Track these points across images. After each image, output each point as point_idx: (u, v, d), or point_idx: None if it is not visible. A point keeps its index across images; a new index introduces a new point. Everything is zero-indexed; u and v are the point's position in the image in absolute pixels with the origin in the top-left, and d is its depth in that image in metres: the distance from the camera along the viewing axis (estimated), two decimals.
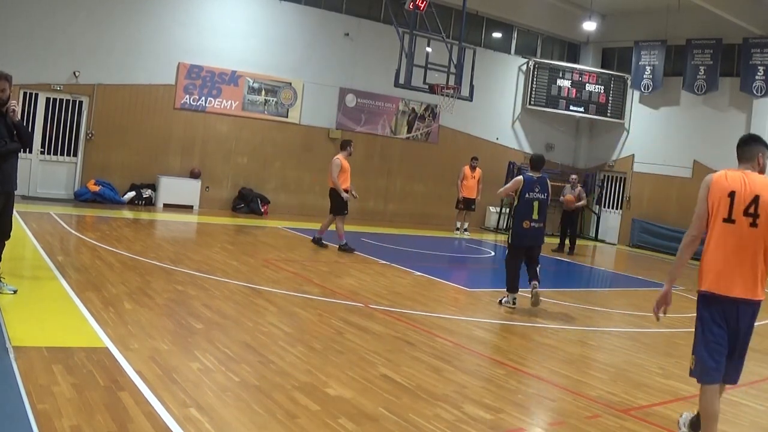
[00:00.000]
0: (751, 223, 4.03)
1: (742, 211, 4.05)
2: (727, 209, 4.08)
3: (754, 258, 4.05)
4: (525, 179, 8.62)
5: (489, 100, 19.85)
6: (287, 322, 6.62)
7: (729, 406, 5.55)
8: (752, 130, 17.46)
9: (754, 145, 4.29)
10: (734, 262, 4.06)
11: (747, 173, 4.17)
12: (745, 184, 4.08)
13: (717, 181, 4.16)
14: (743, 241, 4.05)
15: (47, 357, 4.70)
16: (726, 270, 4.08)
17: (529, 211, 8.48)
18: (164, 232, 12.50)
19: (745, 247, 4.05)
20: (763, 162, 4.25)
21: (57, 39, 14.31)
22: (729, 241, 4.08)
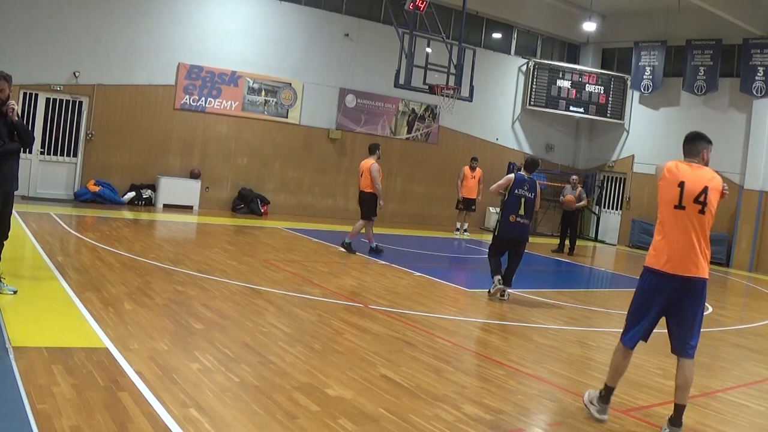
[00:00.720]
0: (700, 210, 4.55)
1: (693, 199, 4.55)
2: (677, 197, 4.58)
3: (700, 241, 4.57)
4: (516, 177, 9.20)
5: (489, 100, 19.87)
6: (287, 322, 6.62)
7: (729, 406, 5.56)
8: (752, 130, 17.49)
9: (700, 142, 4.82)
10: (685, 245, 4.55)
11: (694, 165, 4.73)
12: (694, 177, 4.62)
13: (669, 170, 4.70)
14: (692, 226, 4.55)
15: (47, 357, 4.70)
16: (677, 251, 4.56)
17: (516, 206, 9.02)
18: (164, 233, 12.50)
19: (693, 231, 4.55)
20: (707, 157, 4.80)
21: (57, 39, 14.32)
22: (680, 226, 4.57)
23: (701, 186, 4.59)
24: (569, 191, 16.23)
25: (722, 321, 9.76)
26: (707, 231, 4.60)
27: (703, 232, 4.60)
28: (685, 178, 4.63)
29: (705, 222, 4.59)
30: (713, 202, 4.59)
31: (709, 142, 4.84)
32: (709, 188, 4.59)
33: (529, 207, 9.08)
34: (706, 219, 4.59)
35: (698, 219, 4.57)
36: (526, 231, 9.25)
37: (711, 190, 4.59)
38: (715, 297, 12.37)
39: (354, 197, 18.15)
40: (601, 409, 4.83)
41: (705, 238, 4.61)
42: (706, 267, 4.61)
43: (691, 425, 4.96)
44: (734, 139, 18.02)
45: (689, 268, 4.55)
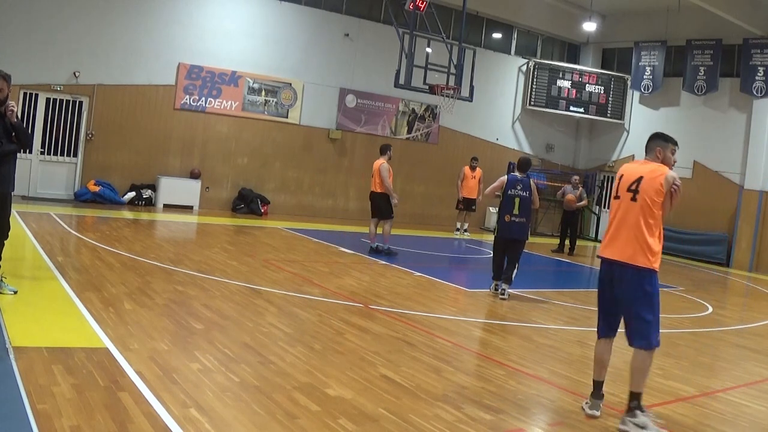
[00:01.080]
0: (632, 197, 4.74)
1: (626, 188, 4.79)
2: (615, 189, 4.89)
3: (633, 228, 4.70)
4: (509, 178, 9.52)
5: (489, 100, 19.87)
6: (287, 322, 6.62)
7: (729, 406, 5.56)
8: (752, 130, 17.50)
9: (653, 142, 4.96)
10: (617, 232, 4.79)
11: (644, 161, 4.93)
12: (635, 169, 4.86)
13: (620, 170, 4.98)
14: (624, 214, 4.76)
15: (47, 357, 4.70)
16: (611, 238, 4.83)
17: (510, 206, 9.34)
18: (164, 233, 12.50)
19: (625, 219, 4.75)
20: (662, 155, 4.89)
21: (57, 39, 14.32)
22: (616, 215, 4.83)
23: (637, 176, 4.78)
24: (570, 191, 16.23)
25: (722, 321, 9.76)
26: (643, 219, 4.68)
27: (636, 220, 4.70)
28: (625, 172, 4.90)
29: (638, 209, 4.70)
30: (648, 190, 4.68)
31: (666, 141, 4.94)
32: (644, 178, 4.73)
33: (524, 206, 9.32)
34: (638, 206, 4.70)
35: (630, 207, 4.73)
36: (524, 230, 9.44)
37: (646, 179, 4.71)
38: (716, 297, 12.37)
39: (354, 197, 18.29)
40: (592, 405, 4.91)
41: (639, 226, 4.68)
42: (640, 255, 4.66)
43: (691, 425, 4.96)
44: (734, 139, 18.03)
45: (620, 254, 4.74)
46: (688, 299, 11.33)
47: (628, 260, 4.69)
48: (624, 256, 4.71)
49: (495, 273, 9.55)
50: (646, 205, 4.68)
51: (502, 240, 9.49)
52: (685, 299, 11.33)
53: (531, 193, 9.35)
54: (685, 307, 10.58)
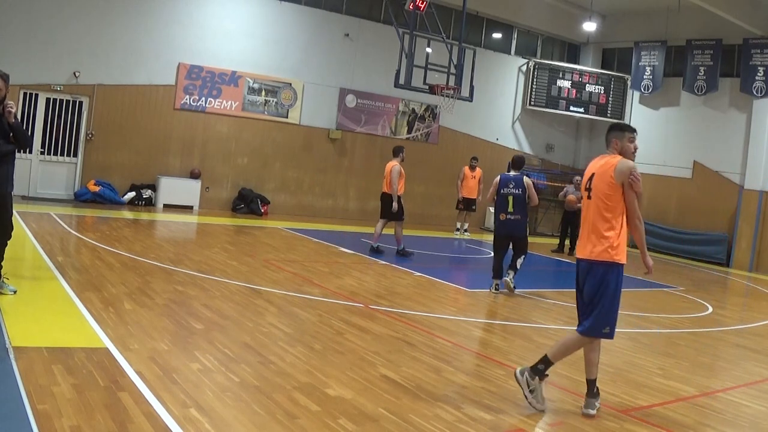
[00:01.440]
0: (587, 196, 4.89)
1: (584, 187, 4.95)
2: (584, 186, 4.98)
3: (591, 224, 4.83)
4: (501, 177, 9.74)
5: (489, 100, 19.87)
6: (287, 322, 6.62)
7: (729, 406, 5.56)
8: (752, 130, 17.49)
9: (610, 134, 5.07)
10: (586, 228, 4.89)
11: (602, 156, 5.01)
12: (590, 167, 4.97)
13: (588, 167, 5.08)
14: (586, 212, 4.91)
15: (47, 357, 4.70)
16: (581, 235, 4.95)
17: (504, 204, 9.56)
18: (164, 233, 12.50)
19: (587, 217, 4.89)
20: (620, 145, 4.97)
21: (57, 39, 14.32)
22: (584, 212, 4.95)
23: (590, 174, 4.92)
24: (572, 191, 16.20)
25: (722, 321, 9.76)
26: (600, 215, 4.78)
27: (594, 218, 4.81)
28: (587, 170, 5.02)
29: (594, 206, 4.82)
30: (599, 186, 4.79)
31: (622, 130, 5.04)
32: (595, 174, 4.86)
33: (518, 203, 9.48)
34: (594, 204, 4.82)
35: (588, 205, 4.88)
36: (519, 226, 9.65)
37: (597, 175, 4.84)
38: (716, 297, 12.37)
39: (354, 197, 18.31)
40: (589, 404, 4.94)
41: (597, 222, 4.79)
42: (596, 250, 4.78)
43: (692, 425, 4.96)
44: (734, 139, 18.02)
45: (583, 252, 4.89)
46: (688, 299, 11.33)
47: (591, 257, 4.81)
48: (586, 254, 4.85)
49: (495, 272, 9.70)
50: (600, 201, 4.79)
51: (501, 238, 9.72)
52: (685, 299, 11.33)
53: (525, 191, 9.49)
54: (685, 307, 10.58)
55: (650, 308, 10.05)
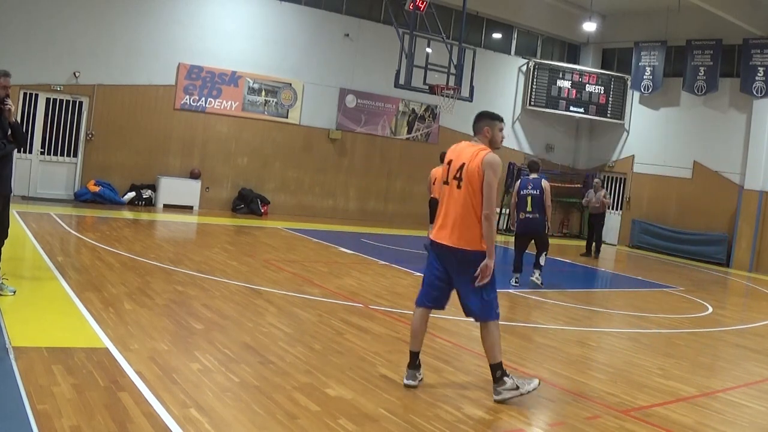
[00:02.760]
0: (457, 185, 4.90)
1: (453, 176, 4.94)
2: (445, 174, 5.02)
3: (459, 213, 4.86)
4: (521, 180, 10.58)
5: (489, 100, 19.78)
6: (287, 322, 6.62)
7: (729, 406, 5.56)
8: (752, 130, 17.50)
9: (482, 122, 5.07)
10: (447, 217, 4.94)
11: (470, 144, 5.04)
12: (460, 154, 4.97)
13: (449, 150, 5.14)
14: (453, 200, 4.91)
15: (47, 357, 4.70)
16: (442, 222, 4.98)
17: (524, 204, 10.25)
18: (164, 233, 12.50)
19: (454, 205, 4.90)
20: (491, 134, 5.03)
21: (57, 39, 14.32)
22: (444, 199, 5.00)
23: (460, 163, 4.92)
24: (592, 195, 16.26)
25: (722, 321, 9.76)
26: (471, 206, 4.83)
27: (465, 208, 4.85)
28: (453, 157, 5.02)
29: (464, 197, 4.85)
30: (470, 177, 4.83)
31: (493, 119, 5.06)
32: (466, 165, 4.87)
33: (536, 203, 10.15)
34: (464, 194, 4.85)
35: (458, 194, 4.89)
36: (538, 224, 10.25)
37: (468, 166, 4.86)
38: (716, 297, 12.37)
39: (354, 197, 18.32)
40: (409, 375, 5.09)
41: (468, 213, 4.84)
42: (470, 239, 4.84)
43: (692, 425, 4.96)
44: (734, 139, 18.02)
45: (452, 239, 4.89)
46: (688, 299, 11.33)
47: (464, 246, 4.84)
48: (455, 242, 4.87)
49: (515, 267, 10.35)
50: (470, 192, 4.84)
51: (520, 236, 10.47)
52: (685, 299, 11.33)
53: (543, 192, 10.15)
54: (685, 307, 10.58)
55: (650, 308, 10.05)
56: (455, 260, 4.92)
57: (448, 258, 4.95)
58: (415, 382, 5.06)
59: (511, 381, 4.93)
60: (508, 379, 4.94)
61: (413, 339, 5.12)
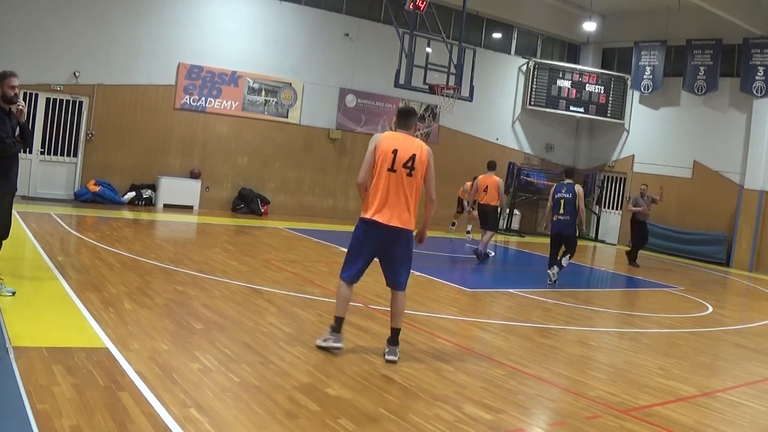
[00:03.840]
0: (408, 173, 5.48)
1: (402, 164, 5.47)
2: (390, 162, 5.47)
3: (408, 199, 5.50)
4: (557, 185, 11.26)
5: (489, 100, 19.86)
6: (287, 322, 6.62)
7: (729, 406, 5.56)
8: (752, 130, 17.50)
9: (413, 118, 5.79)
10: (392, 201, 5.48)
11: (406, 136, 5.65)
12: (406, 146, 5.53)
13: (383, 141, 5.58)
14: (402, 186, 5.48)
15: (47, 357, 4.70)
16: (386, 206, 5.48)
17: (557, 207, 10.90)
18: (164, 233, 12.50)
19: (402, 190, 5.48)
20: (415, 128, 5.74)
21: (57, 39, 14.32)
22: (391, 185, 5.48)
23: (410, 153, 5.50)
24: (639, 201, 15.46)
25: (722, 321, 9.76)
26: (415, 192, 5.53)
27: (411, 192, 5.51)
28: (398, 147, 5.52)
29: (413, 183, 5.51)
30: (420, 167, 5.51)
31: (417, 117, 5.94)
32: (416, 156, 5.50)
33: (568, 206, 10.78)
34: (414, 180, 5.50)
35: (407, 180, 5.49)
36: (569, 226, 10.89)
37: (418, 156, 5.51)
38: (716, 297, 12.37)
39: (354, 197, 18.28)
40: (336, 339, 5.71)
41: (413, 197, 5.53)
42: (410, 220, 5.56)
43: (692, 425, 4.96)
44: (734, 138, 18.02)
45: (396, 220, 5.48)
46: (688, 299, 11.33)
47: (404, 225, 5.51)
48: (399, 222, 5.49)
49: (549, 263, 11.08)
50: (418, 180, 5.53)
51: (554, 237, 11.09)
52: (685, 299, 11.33)
53: (575, 196, 10.75)
54: (686, 307, 10.58)
55: (650, 308, 10.05)
56: (396, 239, 5.53)
57: (387, 237, 5.52)
58: (340, 344, 5.71)
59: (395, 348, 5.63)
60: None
61: (343, 306, 5.74)
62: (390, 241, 5.55)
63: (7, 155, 6.06)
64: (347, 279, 5.74)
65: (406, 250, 5.63)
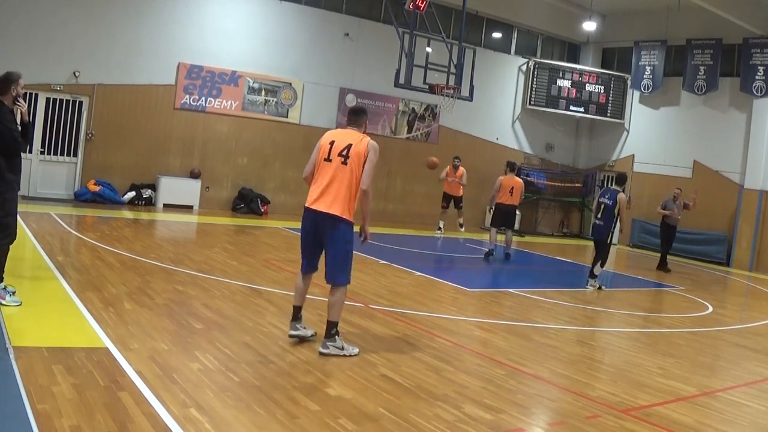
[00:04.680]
0: (342, 161, 5.60)
1: (337, 153, 5.63)
2: (326, 153, 5.70)
3: (341, 185, 5.57)
4: (603, 189, 11.45)
5: (489, 100, 19.86)
6: (287, 322, 6.60)
7: (729, 405, 5.56)
8: (752, 130, 17.49)
9: (362, 117, 5.92)
10: (326, 187, 5.60)
11: (350, 131, 5.81)
12: (343, 138, 5.71)
13: (324, 136, 5.86)
14: (335, 173, 5.60)
15: (47, 357, 4.70)
16: (321, 192, 5.62)
17: (597, 210, 11.05)
18: (164, 233, 12.50)
19: (336, 178, 5.58)
20: (365, 127, 5.90)
21: (57, 39, 14.31)
22: (326, 173, 5.64)
23: (346, 143, 5.65)
24: (671, 204, 14.92)
25: (723, 320, 9.76)
26: (348, 180, 5.56)
27: (344, 180, 5.57)
28: (335, 138, 5.73)
29: (348, 172, 5.58)
30: (355, 157, 5.58)
31: (367, 115, 5.98)
32: (352, 145, 5.62)
33: (606, 212, 10.79)
34: (349, 169, 5.58)
35: (342, 169, 5.59)
36: (601, 231, 10.91)
37: (354, 147, 5.61)
38: (716, 296, 12.37)
39: None
40: (293, 327, 5.91)
41: (346, 184, 5.57)
42: (344, 209, 5.58)
43: (692, 425, 4.96)
44: (734, 138, 18.02)
45: (329, 208, 5.57)
46: (688, 299, 11.33)
47: (338, 213, 5.55)
48: (328, 208, 5.56)
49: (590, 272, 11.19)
50: (351, 167, 5.58)
51: (593, 240, 11.32)
52: (685, 299, 11.33)
53: (615, 203, 10.71)
54: (686, 306, 10.58)
55: (651, 308, 10.05)
56: (325, 225, 5.60)
57: (319, 223, 5.63)
58: (296, 332, 5.87)
59: (340, 341, 5.67)
60: (338, 339, 5.67)
61: (297, 296, 5.93)
62: (322, 227, 5.63)
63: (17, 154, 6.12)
64: (303, 271, 5.94)
65: (341, 241, 5.62)
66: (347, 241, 5.64)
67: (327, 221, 5.58)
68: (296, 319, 5.93)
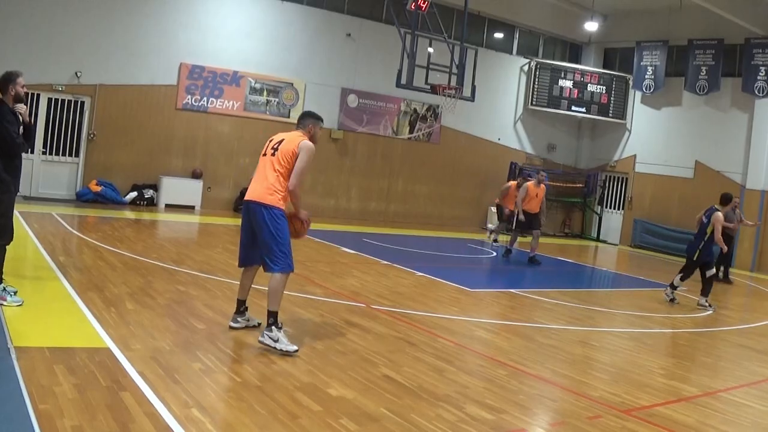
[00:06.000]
0: (272, 153, 5.82)
1: (270, 147, 5.89)
2: (265, 149, 5.93)
3: (268, 174, 5.76)
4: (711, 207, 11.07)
5: (491, 100, 19.86)
6: (288, 322, 6.62)
7: (731, 406, 5.55)
8: (754, 130, 17.47)
9: (308, 119, 6.08)
10: (258, 178, 5.83)
11: (293, 132, 5.98)
12: (283, 135, 5.94)
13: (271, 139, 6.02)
14: (265, 166, 5.82)
15: (49, 357, 4.70)
16: (254, 184, 5.84)
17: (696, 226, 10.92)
18: (166, 233, 12.50)
19: (266, 170, 5.79)
20: (313, 130, 6.03)
21: (58, 39, 14.33)
22: (260, 167, 5.87)
23: (279, 139, 5.90)
24: (731, 215, 13.65)
25: (725, 321, 9.75)
26: (276, 169, 5.73)
27: (271, 169, 5.75)
28: (274, 137, 5.98)
29: (274, 161, 5.77)
30: (283, 150, 5.76)
31: (317, 120, 6.11)
32: (284, 140, 5.85)
33: (701, 230, 10.69)
34: (275, 159, 5.76)
35: (269, 160, 5.80)
36: (691, 247, 10.78)
37: (285, 142, 5.83)
38: (718, 297, 12.35)
39: (356, 197, 18.34)
40: (233, 319, 6.11)
41: (272, 173, 5.74)
42: (272, 199, 5.70)
43: (693, 425, 4.96)
44: (736, 138, 18.00)
45: (253, 195, 5.76)
46: (689, 299, 11.32)
47: (263, 201, 5.69)
48: (255, 196, 5.74)
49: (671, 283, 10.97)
50: (278, 159, 5.74)
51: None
52: (686, 299, 11.31)
53: (709, 222, 10.54)
54: (688, 307, 10.56)
55: (652, 308, 10.04)
56: (254, 212, 5.73)
57: (249, 211, 5.79)
58: (237, 324, 6.04)
59: (276, 334, 5.53)
60: (276, 330, 5.55)
61: (240, 290, 6.11)
62: (252, 215, 5.77)
63: (17, 155, 6.09)
64: (240, 265, 6.16)
65: (267, 227, 5.67)
66: (275, 227, 5.67)
67: (255, 209, 5.73)
68: (238, 312, 6.10)
